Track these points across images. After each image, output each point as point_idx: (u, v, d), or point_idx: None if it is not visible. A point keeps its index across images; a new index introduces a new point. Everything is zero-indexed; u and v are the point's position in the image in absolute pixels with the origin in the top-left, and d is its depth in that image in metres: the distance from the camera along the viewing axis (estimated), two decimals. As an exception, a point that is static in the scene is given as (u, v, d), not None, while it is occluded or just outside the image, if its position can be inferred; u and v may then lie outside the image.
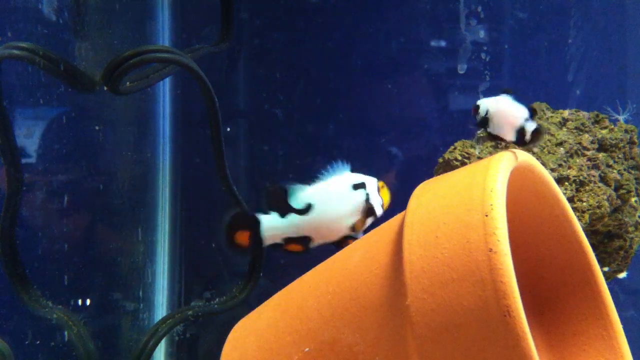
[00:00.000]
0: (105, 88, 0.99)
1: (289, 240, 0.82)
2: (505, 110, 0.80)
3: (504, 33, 1.41)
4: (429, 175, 1.09)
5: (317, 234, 0.81)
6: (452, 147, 1.08)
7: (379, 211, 0.81)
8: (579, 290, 0.78)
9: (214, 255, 1.47)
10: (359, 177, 0.82)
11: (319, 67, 1.45)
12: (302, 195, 0.81)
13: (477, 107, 0.81)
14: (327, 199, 0.80)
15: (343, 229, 0.80)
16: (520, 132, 0.79)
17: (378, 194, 0.82)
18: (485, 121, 0.81)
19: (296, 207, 0.80)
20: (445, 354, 0.56)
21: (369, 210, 0.81)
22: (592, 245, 0.83)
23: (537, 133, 0.78)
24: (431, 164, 1.13)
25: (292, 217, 0.80)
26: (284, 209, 0.80)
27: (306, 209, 0.80)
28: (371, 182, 0.82)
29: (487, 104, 0.81)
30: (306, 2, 1.43)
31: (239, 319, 0.86)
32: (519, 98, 0.81)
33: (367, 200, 0.81)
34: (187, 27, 1.48)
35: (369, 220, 0.82)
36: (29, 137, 1.08)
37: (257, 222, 0.80)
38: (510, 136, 0.80)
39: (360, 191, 0.81)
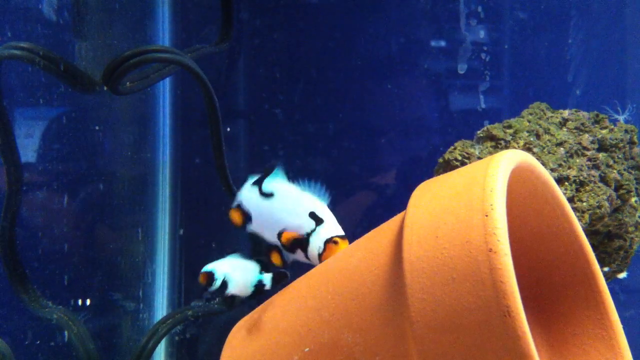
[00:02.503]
0: (105, 88, 0.99)
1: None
2: (241, 278, 0.80)
3: (504, 33, 1.41)
4: (429, 175, 1.09)
5: (263, 226, 0.80)
6: (452, 147, 1.08)
7: (311, 253, 0.77)
8: (579, 290, 0.78)
9: (214, 255, 1.46)
10: (324, 213, 0.78)
11: (319, 67, 1.45)
12: (275, 183, 0.80)
13: (210, 274, 0.79)
14: (284, 202, 0.79)
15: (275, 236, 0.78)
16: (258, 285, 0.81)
17: (322, 239, 0.76)
18: (224, 287, 0.79)
19: (263, 189, 0.80)
20: (445, 354, 0.56)
21: (299, 242, 0.77)
22: (592, 245, 0.83)
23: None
24: (431, 164, 1.13)
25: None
26: (259, 183, 0.81)
27: (268, 195, 0.80)
28: (329, 227, 0.77)
29: (222, 270, 0.80)
30: (306, 2, 1.43)
31: (239, 319, 0.86)
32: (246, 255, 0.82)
33: (309, 233, 0.77)
34: (187, 27, 1.48)
35: (298, 254, 0.77)
36: (29, 137, 1.08)
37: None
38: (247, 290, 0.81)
39: (311, 221, 0.77)
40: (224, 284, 0.79)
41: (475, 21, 1.38)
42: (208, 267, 0.80)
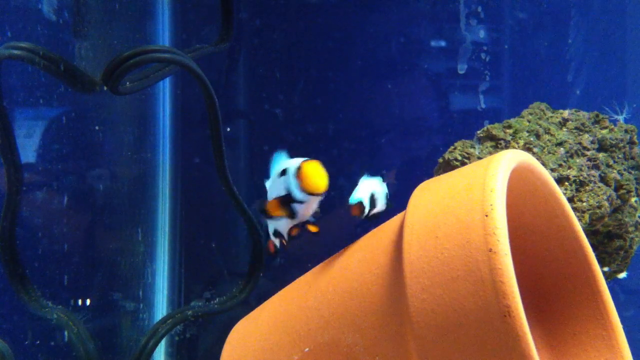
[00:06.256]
0: (105, 88, 0.99)
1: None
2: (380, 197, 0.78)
3: (504, 33, 1.41)
4: (429, 175, 1.09)
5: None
6: (452, 147, 1.08)
7: (297, 195, 0.72)
8: (579, 290, 0.78)
9: (214, 255, 1.47)
10: (287, 163, 0.75)
11: (319, 67, 1.45)
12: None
13: (361, 204, 0.75)
14: (270, 189, 0.78)
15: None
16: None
17: (295, 179, 0.72)
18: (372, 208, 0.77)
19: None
20: (445, 354, 0.56)
21: (284, 198, 0.74)
22: (592, 245, 0.83)
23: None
24: (431, 164, 1.13)
25: None
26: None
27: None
28: (294, 166, 0.73)
29: (366, 196, 0.76)
30: (306, 2, 1.43)
31: (239, 319, 0.86)
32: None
33: (286, 187, 0.73)
34: (187, 27, 1.48)
35: (299, 208, 0.74)
36: (29, 137, 1.08)
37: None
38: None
39: (284, 178, 0.74)
40: (372, 204, 0.76)
41: (475, 21, 1.38)
42: (355, 198, 0.75)
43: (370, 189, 0.77)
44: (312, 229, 0.77)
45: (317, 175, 0.70)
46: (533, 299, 0.81)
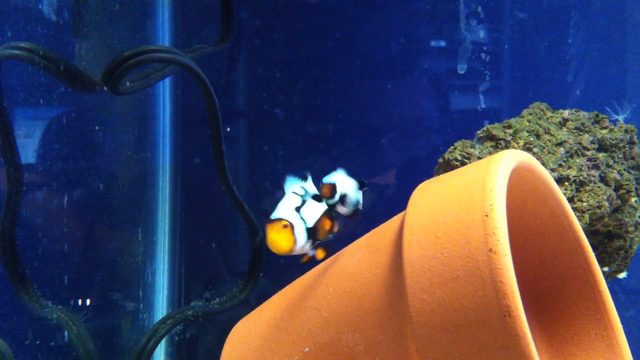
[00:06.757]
0: (105, 88, 0.99)
1: None
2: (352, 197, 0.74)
3: (504, 33, 1.41)
4: (429, 175, 1.09)
5: None
6: (452, 147, 1.08)
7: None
8: (579, 290, 0.78)
9: (214, 255, 1.47)
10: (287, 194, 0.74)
11: (319, 67, 1.45)
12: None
13: (333, 186, 0.72)
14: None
15: None
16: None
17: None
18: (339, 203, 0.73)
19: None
20: (445, 354, 0.56)
21: None
22: (592, 245, 0.83)
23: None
24: (431, 164, 1.13)
25: None
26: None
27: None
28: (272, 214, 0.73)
29: (342, 187, 0.72)
30: (306, 2, 1.43)
31: (239, 319, 0.86)
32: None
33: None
34: (187, 27, 1.48)
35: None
36: (29, 137, 1.08)
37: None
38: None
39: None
40: (342, 200, 0.72)
41: (475, 21, 1.38)
42: (330, 179, 0.73)
43: (345, 186, 0.74)
44: (320, 254, 0.76)
45: (277, 241, 0.70)
46: (533, 299, 0.81)
